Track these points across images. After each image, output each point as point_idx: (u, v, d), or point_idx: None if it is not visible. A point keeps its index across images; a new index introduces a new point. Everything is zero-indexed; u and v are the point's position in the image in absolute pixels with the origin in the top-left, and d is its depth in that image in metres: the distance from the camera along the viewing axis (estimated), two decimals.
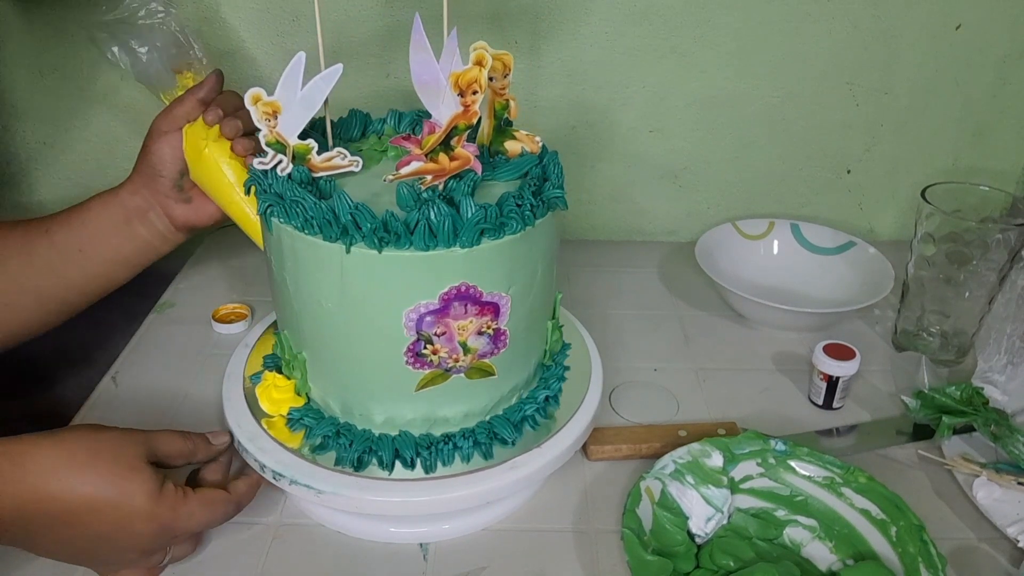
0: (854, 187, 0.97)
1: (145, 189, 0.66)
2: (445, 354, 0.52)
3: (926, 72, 0.89)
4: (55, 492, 0.46)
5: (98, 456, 0.47)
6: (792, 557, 0.56)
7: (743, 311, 0.81)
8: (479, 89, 0.50)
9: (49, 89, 0.89)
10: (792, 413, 0.70)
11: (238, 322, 0.78)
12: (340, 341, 0.54)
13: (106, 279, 0.69)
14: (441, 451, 0.54)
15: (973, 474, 0.61)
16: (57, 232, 0.66)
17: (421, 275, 0.49)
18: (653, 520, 0.55)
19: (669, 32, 0.86)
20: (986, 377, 0.71)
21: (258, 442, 0.55)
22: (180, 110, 0.64)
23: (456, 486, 0.53)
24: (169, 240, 0.69)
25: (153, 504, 0.48)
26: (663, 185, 0.96)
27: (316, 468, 0.54)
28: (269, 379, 0.58)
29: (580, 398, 0.61)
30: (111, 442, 0.49)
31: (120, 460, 0.48)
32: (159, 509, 0.48)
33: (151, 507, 0.48)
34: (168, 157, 0.64)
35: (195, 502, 0.50)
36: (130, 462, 0.48)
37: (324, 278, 0.51)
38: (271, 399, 0.58)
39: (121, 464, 0.48)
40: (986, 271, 0.70)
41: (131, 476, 0.48)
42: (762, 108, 0.91)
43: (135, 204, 0.67)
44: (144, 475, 0.48)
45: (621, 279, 0.89)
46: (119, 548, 0.49)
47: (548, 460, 0.55)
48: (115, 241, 0.67)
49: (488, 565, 0.55)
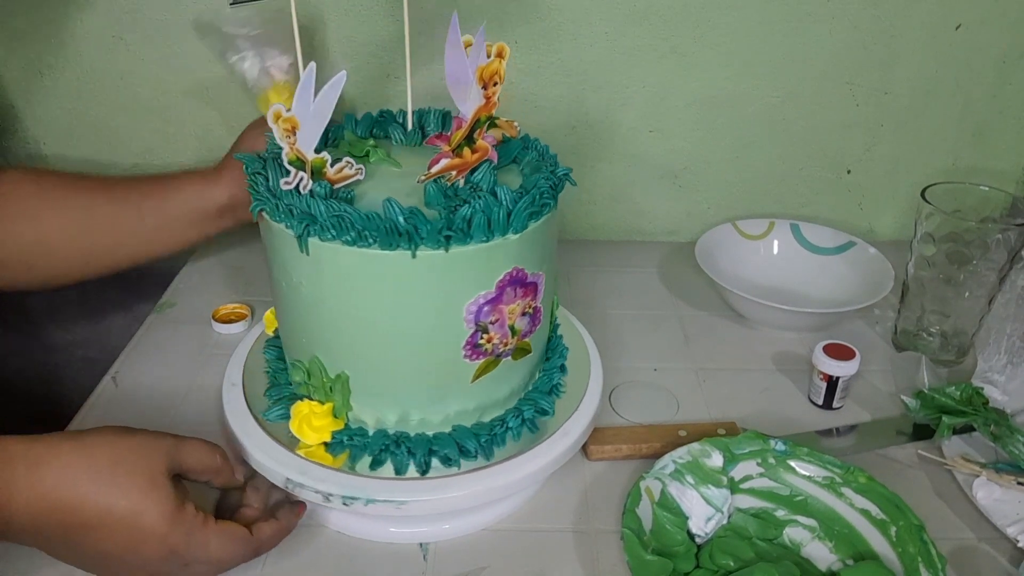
0: (854, 187, 0.97)
1: (234, 184, 0.70)
2: (497, 340, 0.53)
3: (926, 72, 0.89)
4: (69, 502, 0.44)
5: (119, 466, 0.45)
6: (792, 557, 0.56)
7: (743, 311, 0.81)
8: (499, 80, 0.51)
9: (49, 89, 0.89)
10: (792, 413, 0.70)
11: (238, 322, 0.78)
12: (396, 350, 0.52)
13: (158, 255, 0.73)
14: (496, 435, 0.56)
15: (973, 474, 0.61)
16: (146, 207, 0.70)
17: (481, 266, 0.50)
18: (653, 520, 0.55)
19: (669, 32, 0.86)
20: (986, 377, 0.71)
21: (309, 473, 0.53)
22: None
23: (456, 486, 0.53)
24: (231, 227, 0.73)
25: (168, 526, 0.45)
26: (663, 185, 0.96)
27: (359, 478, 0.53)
28: (304, 408, 0.55)
29: (580, 398, 0.61)
30: (135, 451, 0.46)
31: (142, 473, 0.45)
32: (173, 532, 0.45)
33: (165, 529, 0.45)
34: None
35: (212, 533, 0.47)
36: (152, 477, 0.45)
37: (380, 289, 0.50)
38: (313, 428, 0.54)
39: (142, 477, 0.45)
40: (986, 271, 0.70)
41: (149, 492, 0.45)
42: (762, 108, 0.91)
43: (225, 200, 0.70)
44: (163, 492, 0.45)
45: (621, 279, 0.89)
46: (127, 567, 0.46)
47: (548, 460, 0.55)
48: (191, 234, 0.72)
49: (488, 565, 0.55)
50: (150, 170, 0.94)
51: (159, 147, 0.93)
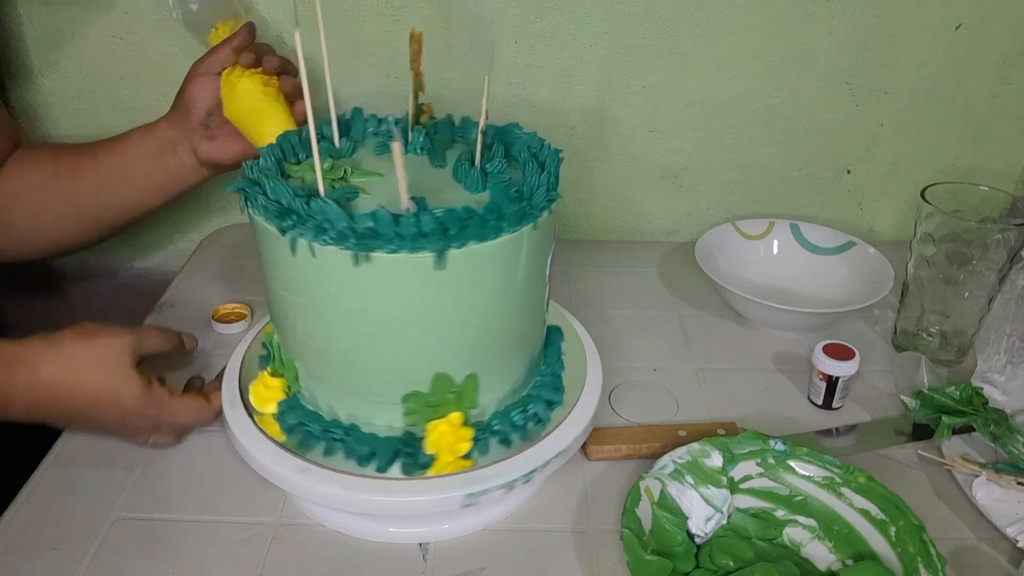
0: (854, 187, 0.97)
1: (178, 124, 0.73)
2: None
3: (926, 72, 0.89)
4: (65, 391, 0.57)
5: (97, 364, 0.57)
6: (792, 557, 0.56)
7: (743, 311, 0.81)
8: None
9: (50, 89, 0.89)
10: (792, 413, 0.70)
11: (238, 322, 0.78)
12: (522, 323, 0.56)
13: (141, 203, 0.77)
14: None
15: (973, 474, 0.61)
16: (103, 156, 0.75)
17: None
18: (653, 520, 0.55)
19: (669, 32, 0.86)
20: (986, 377, 0.71)
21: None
22: (216, 57, 0.71)
23: (456, 486, 0.53)
24: (195, 173, 0.76)
25: (142, 403, 0.58)
26: (663, 185, 0.96)
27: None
28: (446, 421, 0.54)
29: (579, 398, 0.61)
30: (102, 350, 0.58)
31: (114, 369, 0.58)
32: (148, 406, 0.59)
33: (141, 406, 0.58)
34: (200, 96, 0.71)
35: (178, 402, 0.61)
36: (121, 370, 0.58)
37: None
38: (450, 443, 0.54)
39: (115, 373, 0.58)
40: (986, 271, 0.70)
41: (123, 382, 0.58)
42: (762, 108, 0.91)
43: (168, 136, 0.74)
44: (132, 380, 0.58)
45: (621, 279, 0.89)
46: (120, 429, 0.61)
47: (548, 460, 0.55)
48: (149, 168, 0.75)
49: (488, 565, 0.55)
50: None
51: None
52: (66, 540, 0.55)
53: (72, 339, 0.58)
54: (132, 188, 0.75)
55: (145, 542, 0.56)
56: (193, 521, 0.57)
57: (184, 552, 0.55)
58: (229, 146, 0.72)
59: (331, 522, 0.57)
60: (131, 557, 0.55)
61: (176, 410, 0.61)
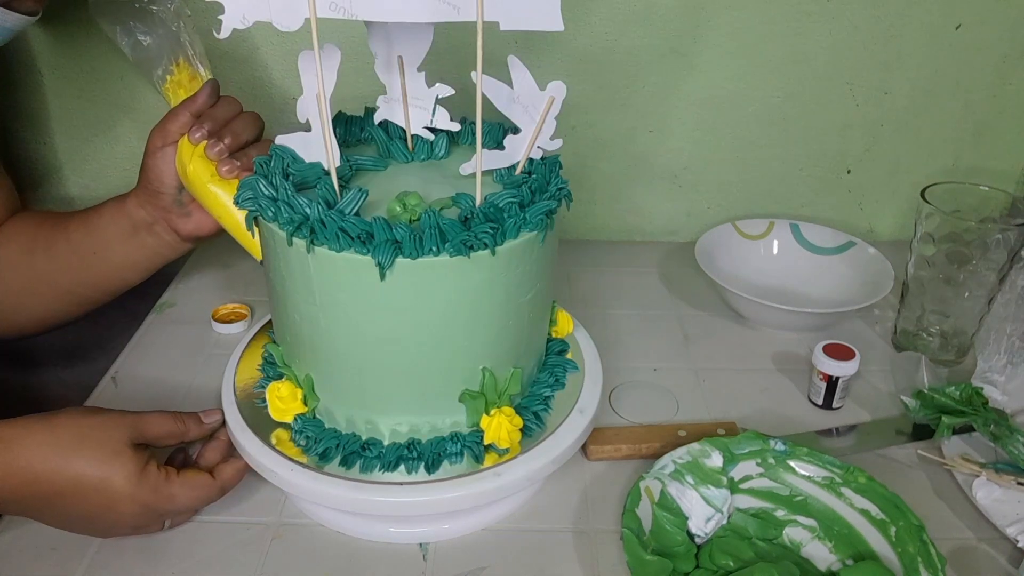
0: (854, 187, 0.97)
1: (148, 204, 0.68)
2: None
3: (926, 72, 0.89)
4: (42, 474, 0.49)
5: (84, 441, 0.50)
6: (792, 557, 0.56)
7: (743, 311, 0.81)
8: None
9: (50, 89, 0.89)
10: (792, 413, 0.70)
11: (238, 322, 0.78)
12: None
13: (120, 280, 0.72)
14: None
15: (973, 474, 0.61)
16: (75, 234, 0.70)
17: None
18: (653, 520, 0.55)
19: (669, 32, 0.86)
20: (986, 377, 0.71)
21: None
22: (173, 125, 0.63)
23: (456, 486, 0.53)
24: (177, 248, 0.71)
25: (134, 487, 0.51)
26: (663, 185, 0.96)
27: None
28: (499, 415, 0.55)
29: (579, 398, 0.61)
30: (97, 427, 0.51)
31: (105, 444, 0.51)
32: (140, 491, 0.51)
33: (131, 490, 0.51)
34: (165, 173, 0.65)
35: (177, 484, 0.53)
36: (113, 446, 0.51)
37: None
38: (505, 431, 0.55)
39: (105, 448, 0.51)
40: (986, 271, 0.70)
41: (112, 460, 0.50)
42: (762, 108, 0.91)
43: (140, 217, 0.68)
44: (124, 458, 0.51)
45: (621, 279, 0.89)
46: (109, 524, 0.52)
47: (548, 460, 0.55)
48: (125, 248, 0.70)
49: (488, 565, 0.55)
50: None
51: None
52: (66, 540, 0.55)
53: (63, 418, 0.52)
54: (109, 266, 0.70)
55: (145, 542, 0.56)
56: (193, 521, 0.57)
57: (184, 552, 0.55)
58: (209, 219, 0.66)
59: (331, 522, 0.57)
60: (131, 557, 0.55)
61: (175, 494, 0.53)
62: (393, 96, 0.59)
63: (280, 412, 0.56)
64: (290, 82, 0.88)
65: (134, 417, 0.54)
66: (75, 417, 0.52)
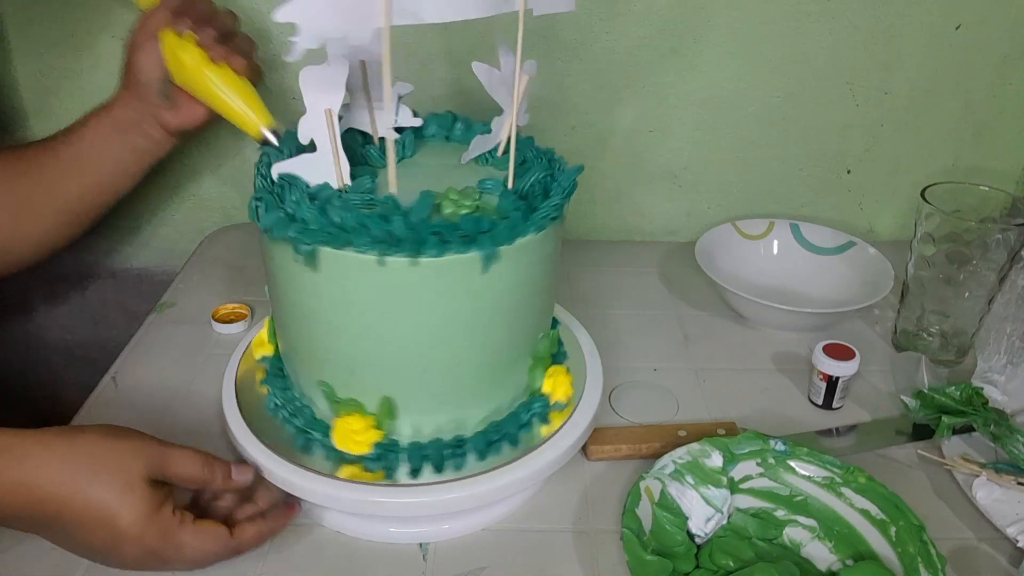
0: (854, 187, 0.97)
1: (133, 100, 0.69)
2: None
3: (926, 72, 0.89)
4: (49, 496, 0.45)
5: (99, 468, 0.46)
6: (792, 557, 0.56)
7: (743, 311, 0.81)
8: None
9: (49, 89, 0.89)
10: (792, 413, 0.70)
11: (238, 322, 0.78)
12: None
13: (113, 188, 0.74)
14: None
15: (973, 474, 0.61)
16: (62, 150, 0.71)
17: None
18: (653, 520, 0.55)
19: (669, 32, 0.86)
20: (986, 377, 0.71)
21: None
22: (154, 21, 0.65)
23: (456, 487, 0.53)
24: (164, 145, 0.73)
25: (141, 528, 0.46)
26: (663, 185, 0.96)
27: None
28: (556, 373, 0.59)
29: (579, 398, 0.61)
30: (117, 453, 0.47)
31: (118, 475, 0.46)
32: (147, 534, 0.46)
33: (138, 531, 0.46)
34: (148, 67, 0.67)
35: (189, 534, 0.48)
36: (128, 479, 0.46)
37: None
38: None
39: (118, 480, 0.46)
40: (986, 271, 0.70)
41: (124, 495, 0.46)
42: (762, 108, 0.91)
43: (126, 116, 0.70)
44: (137, 495, 0.46)
45: (621, 279, 0.89)
46: (110, 560, 0.48)
47: (548, 460, 0.55)
48: (114, 152, 0.71)
49: (488, 565, 0.55)
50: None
51: None
52: None
53: (83, 437, 0.47)
54: (100, 174, 0.72)
55: None
56: None
57: None
58: (195, 108, 0.68)
59: (331, 522, 0.57)
60: None
61: (184, 543, 0.48)
62: (358, 103, 0.59)
63: (357, 445, 0.54)
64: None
65: (160, 449, 0.49)
66: (96, 438, 0.47)
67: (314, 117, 0.50)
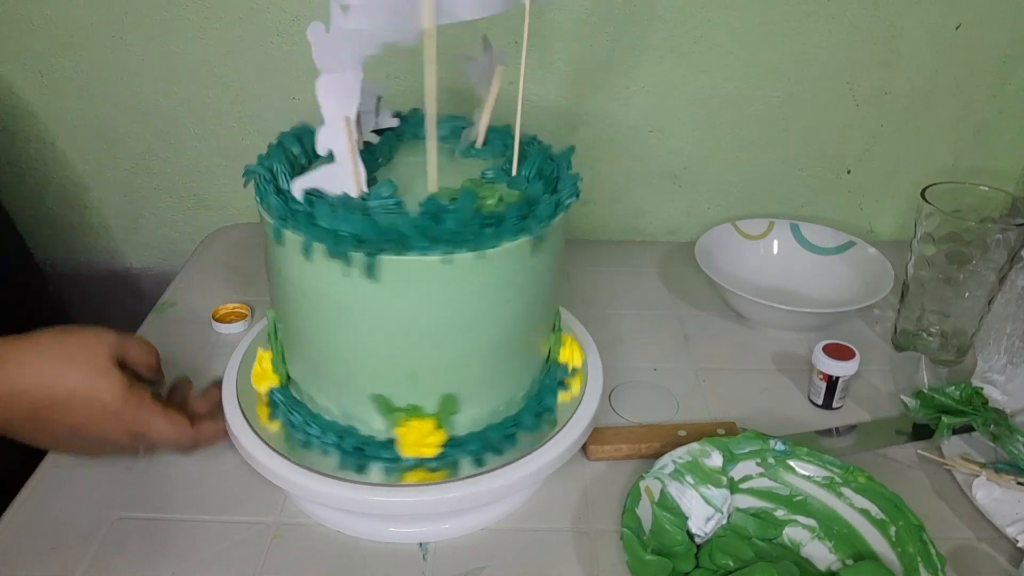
0: (854, 187, 0.97)
1: None
2: None
3: (926, 72, 0.89)
4: (31, 387, 0.51)
5: (72, 357, 0.52)
6: (792, 557, 0.56)
7: (743, 311, 0.81)
8: None
9: (50, 89, 0.89)
10: (792, 413, 0.70)
11: (238, 322, 0.78)
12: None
13: None
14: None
15: (973, 474, 0.61)
16: None
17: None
18: (653, 520, 0.55)
19: (669, 32, 0.86)
20: (986, 377, 0.71)
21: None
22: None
23: (456, 487, 0.53)
24: None
25: (120, 402, 0.52)
26: (663, 185, 0.96)
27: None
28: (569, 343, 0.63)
29: (580, 398, 0.61)
30: (83, 341, 0.53)
31: (91, 361, 0.52)
32: (125, 407, 0.52)
33: (118, 405, 0.52)
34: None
35: (155, 413, 0.54)
36: (100, 363, 0.52)
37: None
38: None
39: (91, 365, 0.52)
40: (986, 271, 0.70)
41: (102, 377, 0.52)
42: (762, 108, 0.91)
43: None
44: (112, 377, 0.52)
45: (621, 279, 0.89)
46: (93, 439, 0.53)
47: (548, 460, 0.55)
48: None
49: (488, 565, 0.55)
50: (150, 169, 0.94)
51: (159, 147, 0.93)
52: (66, 540, 0.55)
53: (48, 336, 0.53)
54: None
55: (145, 542, 0.56)
56: (193, 521, 0.57)
57: (184, 552, 0.55)
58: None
59: (331, 522, 0.57)
60: (131, 557, 0.55)
61: (151, 422, 0.54)
62: None
63: (427, 448, 0.54)
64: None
65: (117, 335, 0.55)
66: (60, 336, 0.53)
67: (333, 127, 0.49)
